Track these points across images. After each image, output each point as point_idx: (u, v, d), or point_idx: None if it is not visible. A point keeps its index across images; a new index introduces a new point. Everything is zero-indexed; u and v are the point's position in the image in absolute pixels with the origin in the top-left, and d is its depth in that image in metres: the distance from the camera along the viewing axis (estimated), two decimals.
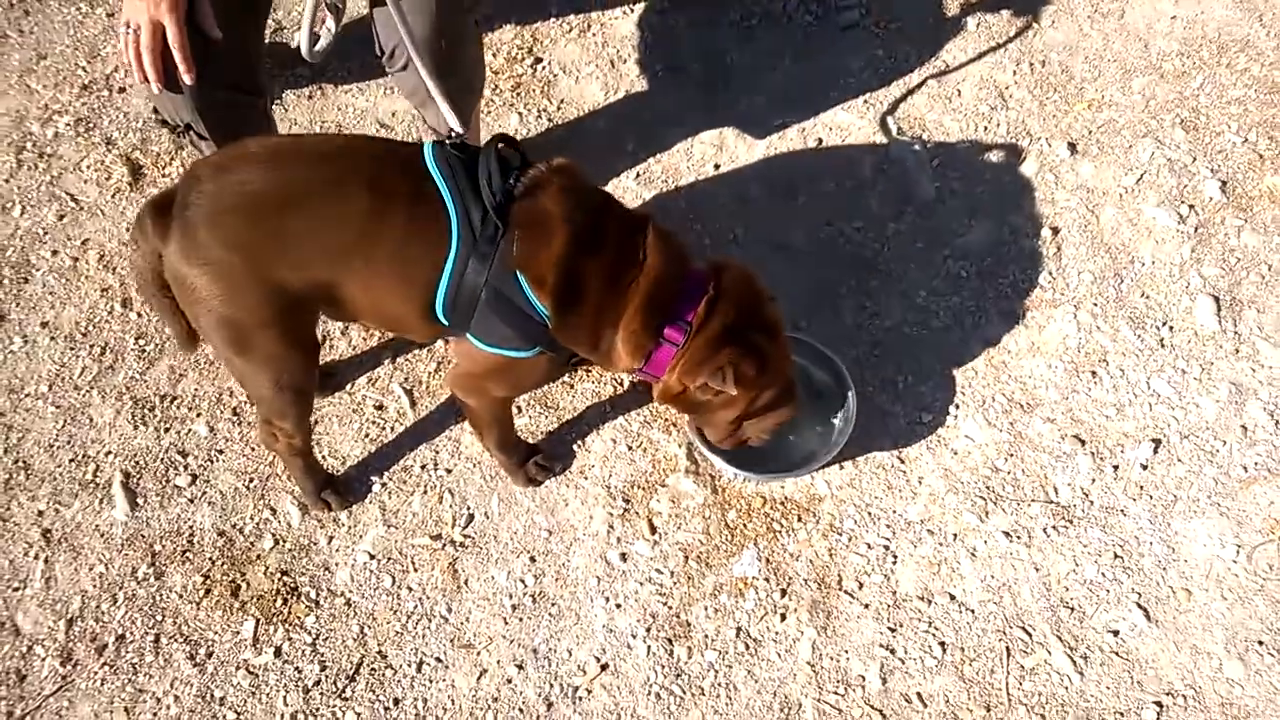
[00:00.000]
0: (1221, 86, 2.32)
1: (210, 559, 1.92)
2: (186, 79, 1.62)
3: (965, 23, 2.41)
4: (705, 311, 1.60)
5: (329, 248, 1.49)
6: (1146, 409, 2.01)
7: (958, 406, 2.03)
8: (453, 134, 1.61)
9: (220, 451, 2.02)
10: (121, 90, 2.38)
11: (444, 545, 1.93)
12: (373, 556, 1.93)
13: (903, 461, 1.99)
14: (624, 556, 1.92)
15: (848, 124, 2.30)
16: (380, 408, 2.06)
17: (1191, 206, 2.18)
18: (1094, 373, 2.04)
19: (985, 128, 2.29)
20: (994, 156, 2.26)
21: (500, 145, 1.56)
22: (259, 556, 1.93)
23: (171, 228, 1.47)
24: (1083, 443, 1.99)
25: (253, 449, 2.02)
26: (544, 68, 2.39)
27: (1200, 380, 2.03)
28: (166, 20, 1.59)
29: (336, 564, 1.92)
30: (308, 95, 2.39)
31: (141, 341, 2.12)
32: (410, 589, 1.90)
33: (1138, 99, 2.31)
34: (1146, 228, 2.17)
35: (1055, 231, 2.17)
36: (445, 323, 1.57)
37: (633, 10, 2.44)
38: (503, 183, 1.51)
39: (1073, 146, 2.26)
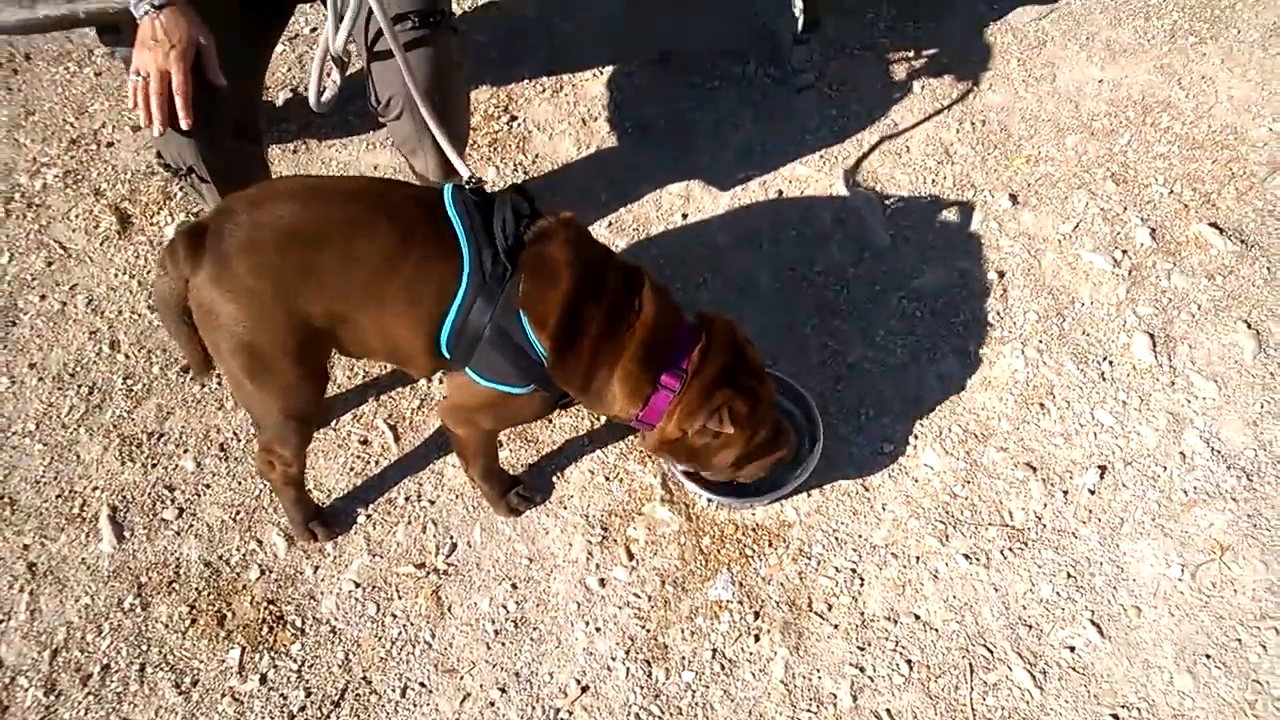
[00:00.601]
0: (1147, 143, 2.58)
1: (196, 589, 2.00)
2: (184, 123, 1.77)
3: (911, 86, 2.66)
4: (699, 359, 1.76)
5: (352, 281, 1.62)
6: (1092, 438, 2.19)
7: (916, 437, 2.20)
8: (473, 179, 1.77)
9: (207, 486, 2.11)
10: (110, 145, 2.53)
11: (428, 573, 2.03)
12: (358, 585, 2.02)
13: (867, 489, 2.14)
14: (603, 582, 2.03)
15: (806, 177, 2.52)
16: (365, 442, 2.17)
17: (1124, 252, 2.41)
18: (1042, 404, 2.23)
19: (933, 181, 2.52)
20: (942, 207, 2.48)
21: (513, 194, 1.74)
22: (245, 586, 2.01)
23: (203, 255, 1.58)
24: (1034, 470, 2.16)
25: (240, 483, 2.12)
26: (519, 124, 2.58)
27: (1140, 410, 2.22)
28: (173, 69, 1.74)
29: (322, 593, 2.01)
30: (292, 150, 2.55)
31: (130, 381, 2.22)
32: (394, 616, 1.99)
33: (1071, 154, 2.56)
34: (1084, 271, 2.39)
35: (1001, 275, 2.39)
36: (447, 356, 1.71)
37: (602, 73, 2.66)
38: (515, 229, 1.67)
39: (1014, 198, 2.49)
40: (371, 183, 1.75)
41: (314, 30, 2.74)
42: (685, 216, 2.46)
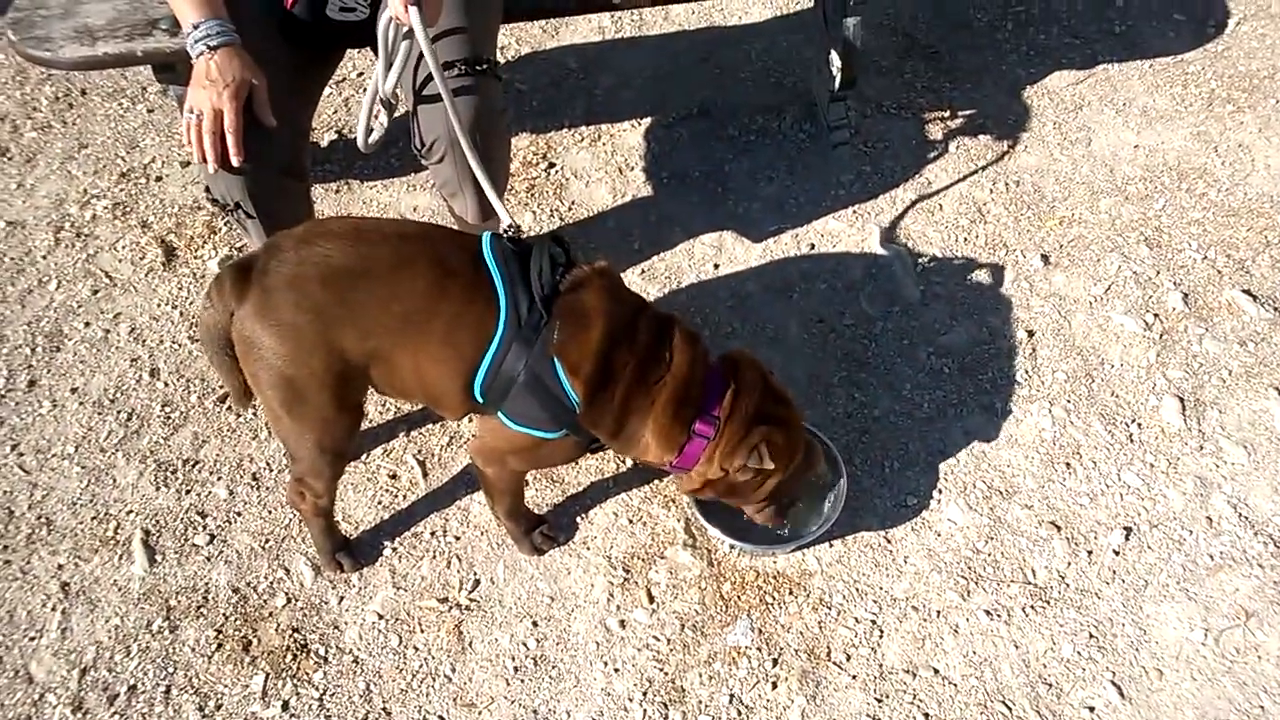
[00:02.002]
0: (1182, 209, 2.74)
1: (224, 614, 2.16)
2: (235, 161, 1.95)
3: (946, 145, 2.85)
4: (731, 404, 1.91)
5: (391, 320, 1.77)
6: (1118, 499, 2.32)
7: (941, 491, 2.33)
8: (511, 228, 1.95)
9: (239, 514, 2.29)
10: (159, 179, 2.76)
11: (450, 608, 2.18)
12: (381, 617, 2.17)
13: (889, 541, 2.27)
14: (623, 624, 2.17)
15: (838, 231, 2.70)
16: (394, 477, 2.34)
17: (1156, 315, 2.56)
18: (1068, 464, 2.36)
19: (965, 239, 2.69)
20: (974, 265, 2.65)
21: (550, 242, 1.92)
22: (271, 614, 2.17)
23: (250, 289, 1.75)
24: (1058, 529, 2.29)
25: (270, 512, 2.29)
26: (557, 172, 2.79)
27: (1167, 474, 2.35)
28: (226, 108, 1.92)
29: (346, 623, 2.16)
30: (335, 190, 2.77)
31: (167, 409, 2.41)
32: (416, 649, 2.14)
33: (1105, 217, 2.73)
34: (1115, 333, 2.54)
35: (1030, 334, 2.54)
36: (480, 400, 1.87)
37: (640, 123, 2.87)
38: (551, 277, 1.84)
39: (1045, 258, 2.66)
40: (416, 226, 1.94)
41: (360, 75, 2.99)
42: (717, 266, 2.65)
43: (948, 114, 2.91)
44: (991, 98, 2.94)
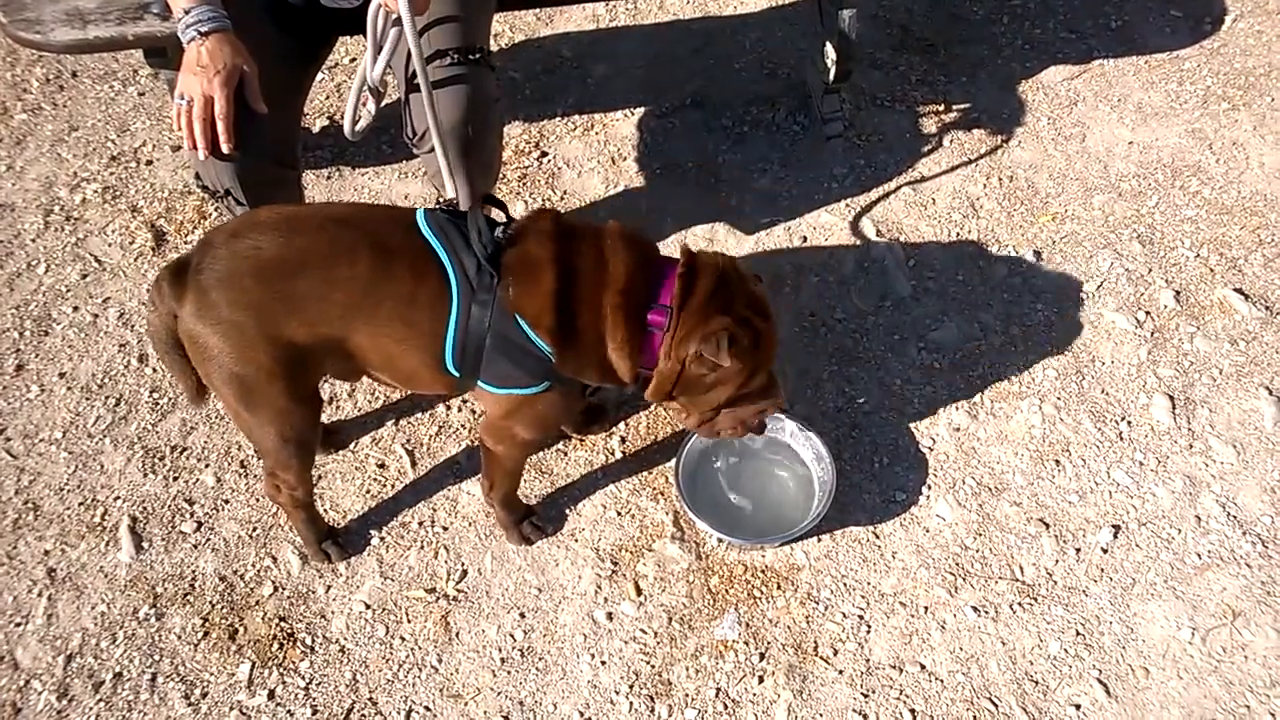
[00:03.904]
0: (1175, 206, 2.72)
1: (210, 602, 2.14)
2: (225, 148, 1.92)
3: (940, 139, 2.82)
4: (681, 289, 1.79)
5: (336, 307, 1.73)
6: (1106, 496, 2.30)
7: (930, 487, 2.31)
8: (441, 201, 1.90)
9: (226, 501, 2.26)
10: (149, 163, 2.72)
11: (438, 598, 2.16)
12: (368, 606, 2.15)
13: (877, 537, 2.26)
14: (610, 616, 2.15)
15: (830, 225, 2.67)
16: (382, 466, 2.32)
17: (1148, 313, 2.54)
18: (1057, 461, 2.34)
19: (958, 234, 2.66)
20: (966, 260, 2.63)
21: (485, 205, 1.86)
22: (258, 602, 2.14)
23: (186, 290, 1.70)
24: (1047, 526, 2.27)
25: (258, 500, 2.26)
26: (549, 160, 2.76)
27: (1157, 472, 2.33)
28: (217, 94, 1.88)
29: (333, 612, 2.14)
30: (326, 176, 2.73)
31: (155, 395, 2.38)
32: (403, 639, 2.11)
33: (1098, 214, 2.70)
34: (1106, 331, 2.52)
35: (1022, 331, 2.52)
36: (456, 373, 1.84)
37: (634, 113, 2.83)
38: (490, 235, 1.78)
39: (1038, 254, 2.63)
40: (347, 209, 1.88)
41: (353, 60, 2.95)
42: None
43: (942, 108, 2.87)
44: (986, 92, 2.91)
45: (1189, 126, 2.86)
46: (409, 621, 2.13)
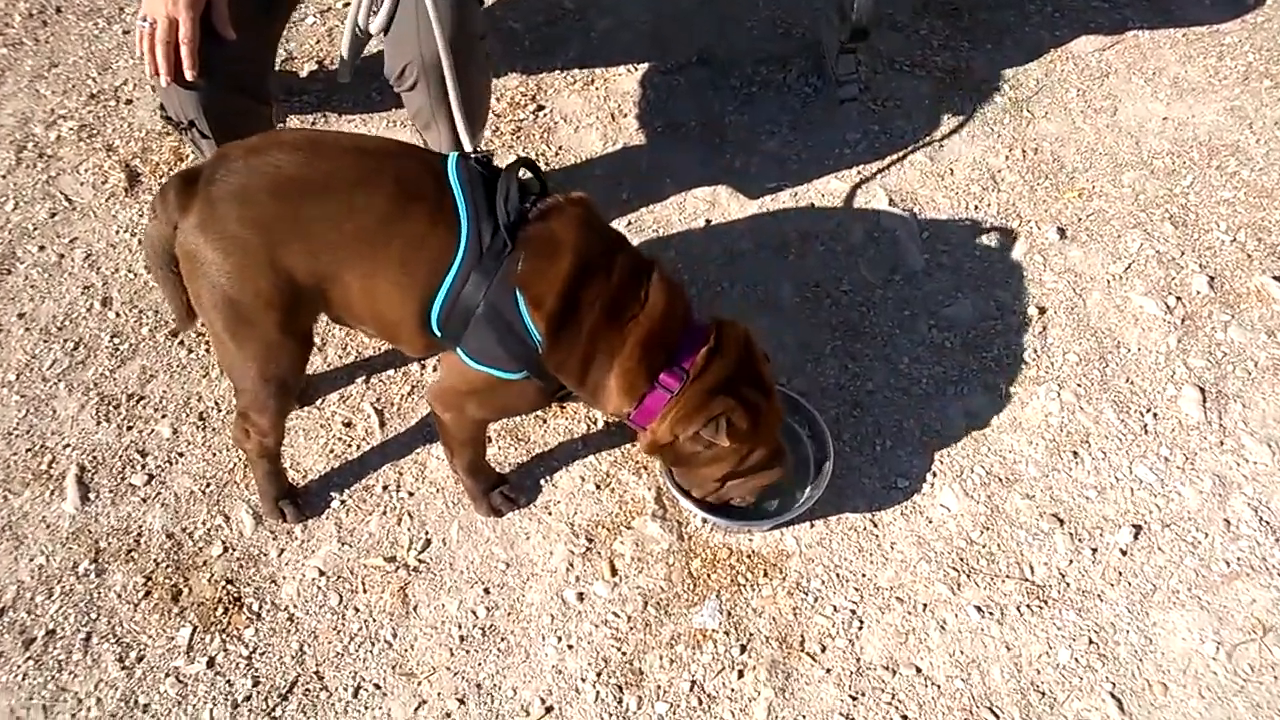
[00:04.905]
0: (1211, 187, 2.39)
1: (155, 560, 1.87)
2: (188, 74, 1.68)
3: (960, 107, 2.50)
4: (704, 361, 1.62)
5: (343, 237, 1.51)
6: (1128, 494, 2.00)
7: (935, 475, 2.01)
8: (480, 152, 1.65)
9: (181, 454, 1.99)
10: (129, 102, 2.45)
11: (397, 568, 1.89)
12: (322, 573, 1.88)
13: (875, 525, 1.96)
14: (581, 596, 1.87)
15: (840, 191, 2.36)
16: (348, 425, 2.04)
17: (1179, 298, 2.22)
18: (1075, 453, 2.04)
19: (976, 207, 2.35)
20: (984, 234, 2.31)
21: (523, 170, 1.61)
22: (205, 563, 1.88)
23: (194, 200, 1.50)
24: (1061, 522, 1.96)
25: (215, 454, 1.99)
26: (545, 115, 2.46)
27: (1183, 469, 2.02)
28: (181, 16, 1.65)
29: (284, 577, 1.87)
30: (311, 122, 2.45)
31: (116, 340, 2.12)
32: (357, 610, 1.84)
33: (1127, 192, 2.38)
34: (1133, 315, 2.20)
35: (1041, 311, 2.20)
36: (438, 334, 1.59)
37: (637, 69, 2.53)
38: (520, 204, 1.56)
39: (1062, 231, 2.31)
40: (377, 142, 1.64)
41: (345, 4, 2.65)
42: (709, 221, 2.32)
43: (964, 74, 2.55)
44: (1012, 60, 2.59)
45: (1228, 104, 2.52)
46: (364, 591, 1.86)
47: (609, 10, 2.64)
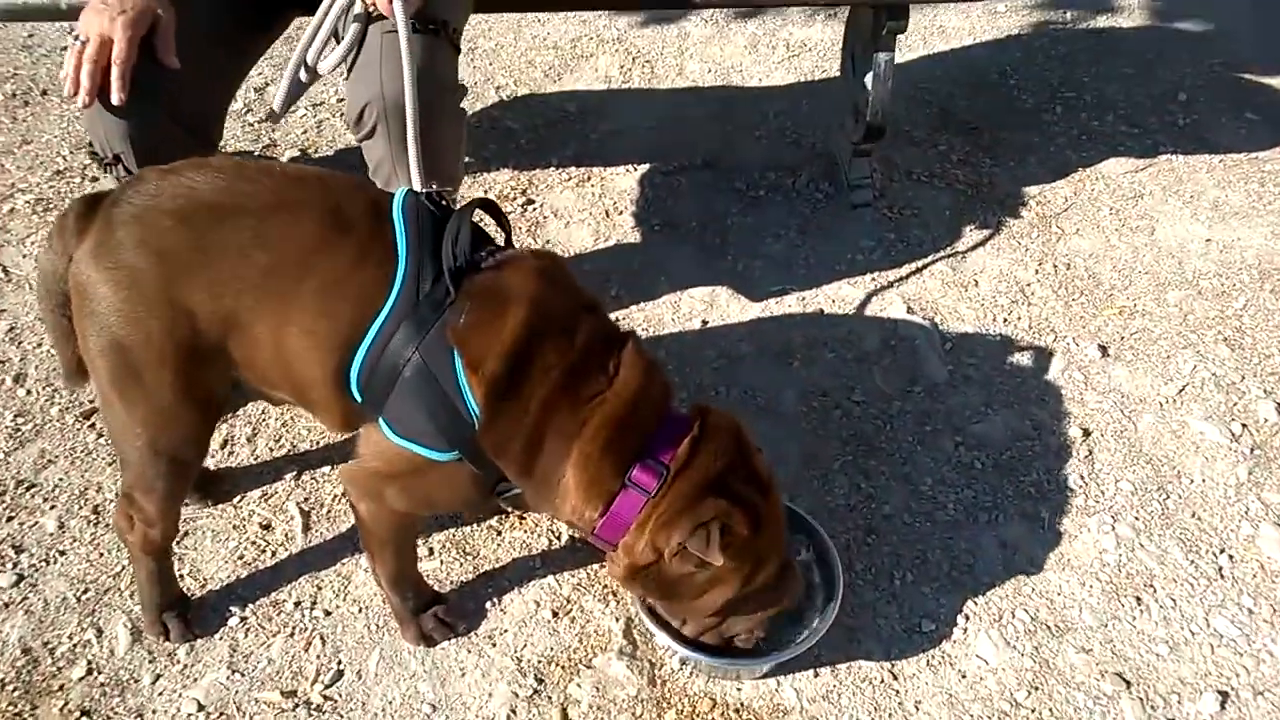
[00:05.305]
0: (1267, 311, 2.08)
1: (2, 679, 1.48)
2: (115, 97, 1.46)
3: (983, 218, 2.24)
4: (687, 453, 1.28)
5: (252, 272, 1.23)
6: (1207, 651, 1.57)
7: (968, 618, 1.61)
8: (435, 190, 1.37)
9: (62, 552, 1.63)
10: (94, 179, 2.25)
11: (296, 706, 1.47)
12: (201, 708, 1.46)
13: (895, 678, 1.54)
14: None
15: (852, 298, 2.07)
16: (267, 527, 1.68)
17: (1244, 425, 1.87)
18: (1139, 599, 1.63)
19: (1004, 320, 2.05)
20: (1015, 348, 2.00)
21: (481, 211, 1.34)
22: (62, 687, 1.47)
23: (92, 224, 1.24)
24: (1128, 684, 1.53)
25: (101, 555, 1.63)
26: (535, 209, 2.23)
27: (1272, 624, 1.60)
28: (117, 35, 1.45)
29: (154, 711, 1.46)
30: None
31: (20, 419, 1.80)
32: None
33: (1174, 311, 2.07)
34: (1193, 442, 1.84)
35: (1086, 433, 1.85)
36: (358, 398, 1.27)
37: (636, 169, 2.32)
38: (473, 250, 1.27)
39: (1104, 349, 1.99)
40: (316, 171, 1.37)
41: (340, 100, 2.50)
42: (705, 323, 2.02)
43: (986, 188, 2.32)
44: (1037, 177, 2.36)
45: (1275, 228, 2.26)
46: None
47: (611, 116, 2.46)
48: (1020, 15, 2.80)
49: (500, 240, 1.39)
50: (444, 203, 1.34)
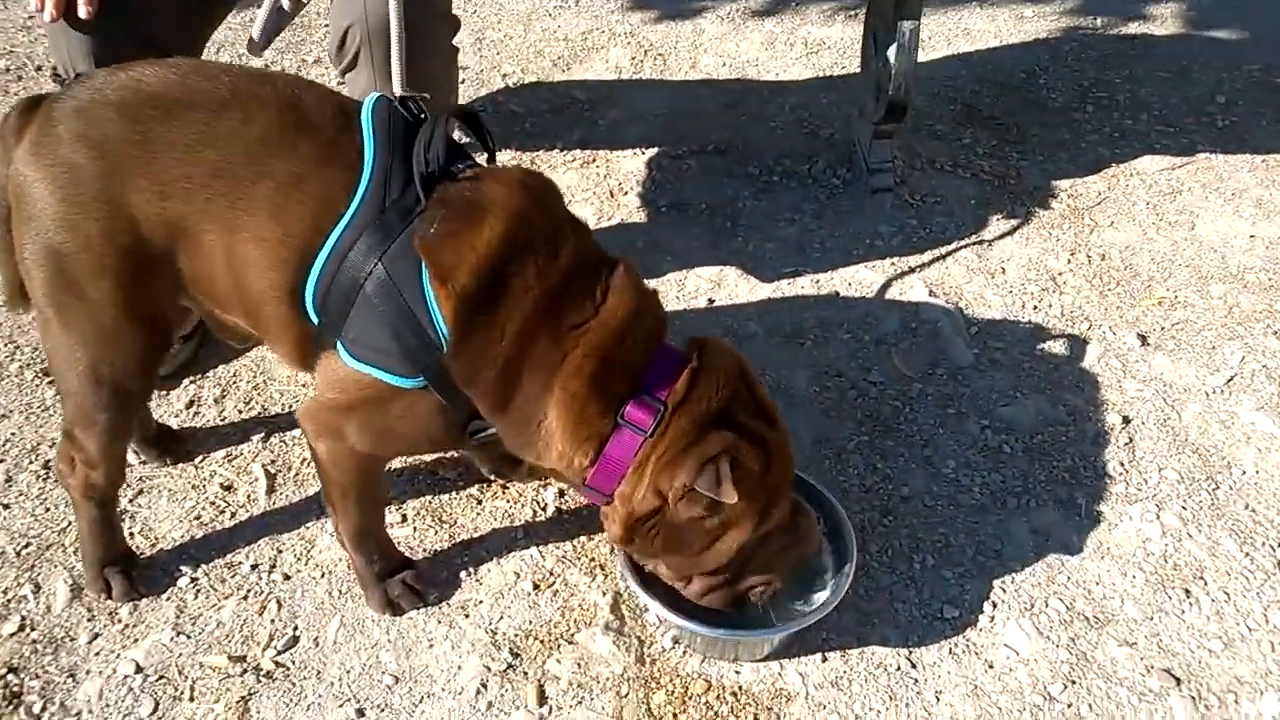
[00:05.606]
0: None
1: None
2: (82, 10, 1.42)
3: (1011, 209, 2.15)
4: (686, 386, 1.17)
5: (202, 169, 1.15)
6: (1266, 649, 1.42)
7: (995, 606, 1.46)
8: (414, 94, 1.27)
9: (6, 506, 1.53)
10: None
11: (244, 671, 1.35)
12: (140, 670, 1.34)
13: (914, 665, 1.39)
14: None
15: (870, 281, 1.98)
16: (228, 488, 1.57)
17: None
18: (1188, 591, 1.48)
19: (1035, 307, 1.94)
20: (1046, 334, 1.88)
21: (462, 125, 1.27)
22: None
23: (31, 121, 1.18)
24: (1178, 681, 1.38)
25: (46, 511, 1.53)
26: None
27: None
28: None
29: (88, 671, 1.34)
30: None
31: None
32: None
33: (1218, 303, 1.96)
34: (1244, 433, 1.71)
35: (1126, 421, 1.72)
36: (314, 318, 1.18)
37: (643, 152, 2.26)
38: (443, 151, 1.17)
39: (1143, 338, 1.88)
40: (284, 74, 1.30)
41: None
42: (712, 301, 1.93)
43: (1013, 180, 2.23)
44: (1068, 172, 2.27)
45: None
46: (192, 699, 1.32)
47: (620, 104, 2.41)
48: (1047, 20, 2.76)
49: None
50: (420, 113, 1.27)
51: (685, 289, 1.95)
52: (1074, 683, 1.38)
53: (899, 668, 1.39)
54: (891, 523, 1.57)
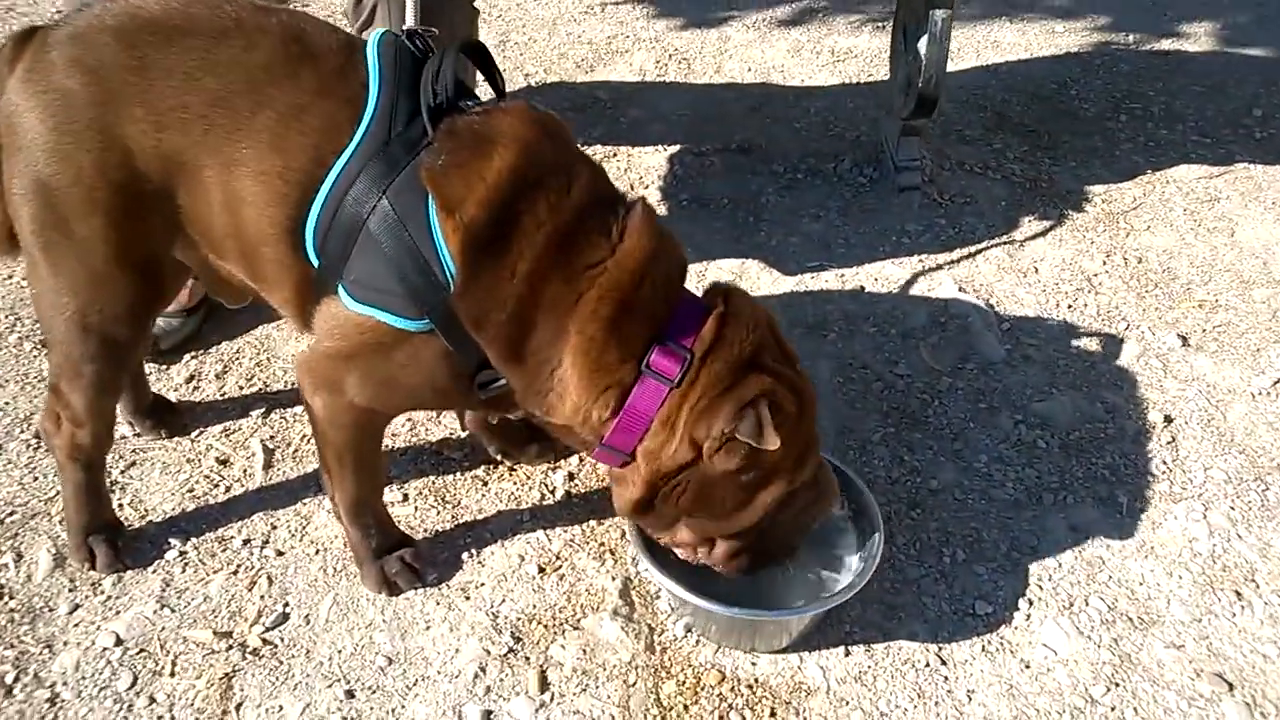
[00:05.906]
0: None
1: None
2: None
3: (1044, 212, 2.10)
4: (714, 331, 1.11)
5: (200, 99, 1.12)
6: None
7: (1032, 603, 1.38)
8: (423, 29, 1.24)
9: None
10: None
11: (230, 648, 1.28)
12: (120, 642, 1.28)
13: (944, 663, 1.31)
14: (489, 717, 1.23)
15: (897, 277, 1.93)
16: (224, 462, 1.52)
17: None
18: (1238, 593, 1.40)
19: (1069, 305, 1.88)
20: (1081, 333, 1.82)
21: (471, 59, 1.23)
22: None
23: (26, 49, 1.15)
24: (1230, 687, 1.29)
25: (34, 480, 1.48)
26: None
27: None
28: None
29: (66, 643, 1.28)
30: None
31: None
32: (153, 701, 1.22)
33: (1261, 308, 1.90)
34: None
35: (1168, 420, 1.65)
36: (315, 259, 1.14)
37: (666, 149, 2.23)
38: (452, 84, 1.13)
39: (1184, 339, 1.81)
40: (292, 10, 1.27)
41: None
42: None
43: (1045, 184, 2.19)
44: (1102, 177, 2.23)
45: None
46: (173, 675, 1.25)
47: (643, 104, 2.40)
48: (1079, 35, 2.74)
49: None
50: (428, 51, 1.24)
51: (706, 280, 1.90)
52: (1117, 685, 1.30)
53: (928, 664, 1.31)
54: (919, 515, 1.50)
